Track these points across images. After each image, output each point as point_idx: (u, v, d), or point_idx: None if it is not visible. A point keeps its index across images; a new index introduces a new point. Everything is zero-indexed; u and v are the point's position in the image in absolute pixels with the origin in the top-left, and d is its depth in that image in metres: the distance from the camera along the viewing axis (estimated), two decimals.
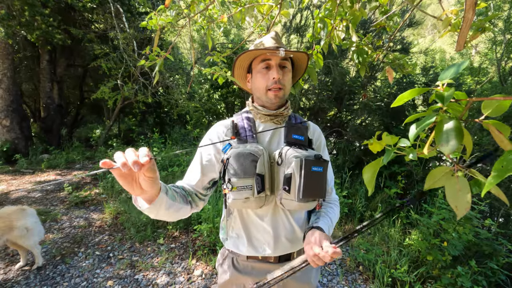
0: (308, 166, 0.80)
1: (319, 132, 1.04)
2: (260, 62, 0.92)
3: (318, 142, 1.02)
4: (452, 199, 0.43)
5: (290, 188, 0.82)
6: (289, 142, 0.91)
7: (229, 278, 1.00)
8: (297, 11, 4.94)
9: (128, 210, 3.30)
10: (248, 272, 0.98)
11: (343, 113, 5.00)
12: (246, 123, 0.97)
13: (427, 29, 32.40)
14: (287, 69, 0.94)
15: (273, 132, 0.96)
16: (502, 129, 0.39)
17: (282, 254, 0.97)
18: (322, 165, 0.83)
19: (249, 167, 0.83)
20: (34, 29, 5.24)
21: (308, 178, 0.80)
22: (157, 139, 5.74)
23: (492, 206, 3.01)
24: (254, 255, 0.96)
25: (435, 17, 1.16)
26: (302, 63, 1.01)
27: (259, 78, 0.93)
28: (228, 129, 0.97)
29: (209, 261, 2.49)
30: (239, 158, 0.83)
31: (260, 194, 0.84)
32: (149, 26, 1.22)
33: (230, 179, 0.84)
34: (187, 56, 10.48)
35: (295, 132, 0.93)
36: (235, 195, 0.84)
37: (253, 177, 0.83)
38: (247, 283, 0.98)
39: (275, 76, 0.89)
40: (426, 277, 2.27)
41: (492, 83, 5.89)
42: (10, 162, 5.80)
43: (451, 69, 0.43)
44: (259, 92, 0.94)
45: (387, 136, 0.50)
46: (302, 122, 1.00)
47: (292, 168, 0.81)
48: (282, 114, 0.96)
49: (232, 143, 0.92)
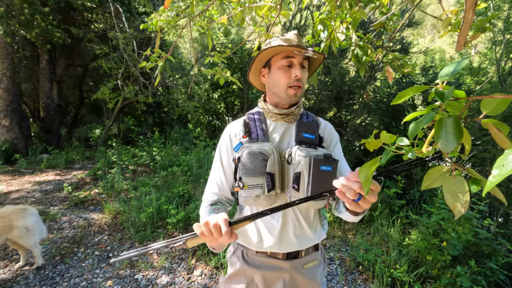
0: (317, 166, 0.80)
1: (330, 129, 1.04)
2: (282, 59, 0.92)
3: (329, 140, 1.02)
4: (450, 199, 0.43)
5: (299, 187, 0.83)
6: (299, 141, 0.92)
7: (238, 270, 1.02)
8: (297, 11, 4.94)
9: (127, 210, 3.30)
10: (257, 265, 1.00)
11: (343, 113, 5.01)
12: (258, 121, 0.98)
13: (427, 29, 32.39)
14: (306, 68, 0.95)
15: (284, 131, 0.97)
16: (501, 128, 0.39)
17: (290, 251, 0.98)
18: (331, 164, 0.83)
19: (260, 166, 0.85)
20: (33, 28, 5.23)
21: (316, 177, 0.80)
22: (157, 139, 5.74)
23: (491, 206, 3.01)
24: (262, 250, 0.98)
25: (435, 17, 1.16)
26: (316, 63, 1.02)
27: (280, 75, 0.93)
28: (240, 128, 0.99)
29: (209, 261, 2.49)
30: (250, 157, 0.86)
31: (271, 192, 0.86)
32: (149, 27, 1.22)
33: (242, 178, 0.87)
34: (187, 56, 10.47)
35: (306, 130, 0.94)
36: (246, 193, 0.87)
37: (263, 176, 0.85)
38: (255, 276, 1.00)
39: (298, 74, 0.90)
40: (426, 277, 2.28)
41: (491, 83, 5.90)
42: (10, 162, 5.79)
43: (450, 67, 0.43)
44: (279, 88, 0.94)
45: (385, 134, 0.50)
46: (314, 120, 1.00)
47: (302, 167, 0.82)
48: (294, 113, 0.97)
49: (243, 142, 0.94)
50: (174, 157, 5.20)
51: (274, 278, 1.00)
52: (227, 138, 1.00)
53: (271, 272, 0.99)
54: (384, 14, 1.32)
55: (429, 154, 0.46)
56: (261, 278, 0.99)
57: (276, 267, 0.98)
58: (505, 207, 2.78)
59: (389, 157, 0.47)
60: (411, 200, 3.59)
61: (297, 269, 0.99)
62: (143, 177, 4.48)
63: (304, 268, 1.00)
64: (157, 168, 4.81)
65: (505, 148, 0.38)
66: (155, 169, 4.89)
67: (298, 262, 0.99)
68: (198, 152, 5.03)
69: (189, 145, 6.47)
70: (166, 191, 3.68)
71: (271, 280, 1.00)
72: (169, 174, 4.28)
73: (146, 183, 4.02)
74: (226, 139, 1.01)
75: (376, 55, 1.42)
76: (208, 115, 7.61)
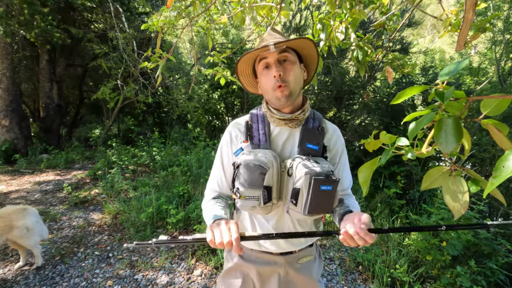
0: (317, 185, 0.78)
1: (337, 136, 0.98)
2: (259, 63, 0.89)
3: (335, 149, 0.98)
4: (449, 199, 0.43)
5: (297, 203, 0.82)
6: (302, 152, 0.89)
7: (234, 265, 1.03)
8: (297, 11, 4.94)
9: (127, 210, 3.30)
10: (252, 260, 1.01)
11: (343, 113, 5.01)
12: (261, 124, 0.94)
13: (427, 29, 32.41)
14: (289, 61, 0.86)
15: (287, 137, 0.94)
16: (501, 128, 0.39)
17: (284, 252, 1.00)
18: (332, 184, 0.81)
19: (257, 180, 0.83)
20: (33, 28, 5.23)
21: (315, 197, 0.79)
22: (157, 139, 5.74)
23: (491, 206, 3.01)
24: (257, 249, 1.00)
25: (435, 17, 1.16)
26: (309, 51, 0.91)
27: (263, 80, 0.90)
28: (242, 130, 0.96)
29: (209, 261, 2.49)
30: (249, 169, 0.83)
31: (267, 204, 0.85)
32: (150, 28, 1.22)
33: (239, 188, 0.85)
34: (187, 56, 10.47)
35: (310, 140, 0.90)
36: (243, 202, 0.86)
37: (260, 189, 0.83)
38: (251, 271, 1.01)
39: (274, 74, 0.84)
40: (426, 277, 2.28)
41: (491, 83, 5.90)
42: (10, 162, 5.79)
43: (450, 67, 0.43)
44: (268, 94, 0.90)
45: (385, 135, 0.50)
46: (320, 127, 0.94)
47: (301, 184, 0.80)
48: (298, 118, 0.91)
49: (244, 147, 0.92)
50: (174, 157, 5.20)
51: (269, 273, 1.01)
52: (228, 139, 0.98)
53: (266, 267, 1.00)
54: (384, 14, 1.32)
55: (429, 154, 0.46)
56: (256, 273, 1.00)
57: (271, 262, 1.00)
58: (504, 207, 2.78)
59: (388, 157, 0.47)
60: (411, 200, 3.59)
61: (291, 264, 1.00)
62: (143, 177, 4.48)
63: (298, 263, 1.01)
64: (157, 168, 4.81)
65: (505, 148, 0.38)
66: (155, 169, 4.89)
67: (292, 257, 1.00)
68: (198, 152, 5.02)
69: (189, 145, 6.47)
70: (166, 191, 3.68)
71: (266, 275, 1.01)
72: (169, 174, 4.28)
73: (146, 183, 4.02)
74: (227, 140, 0.99)
75: (376, 55, 1.42)
76: (208, 115, 7.61)
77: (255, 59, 0.91)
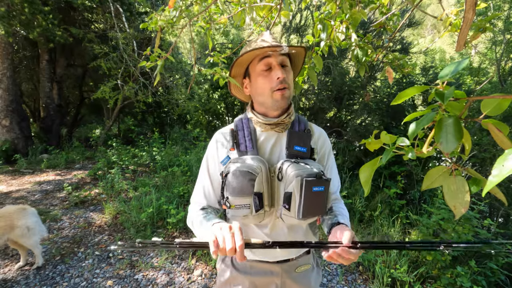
0: (309, 187, 0.77)
1: (323, 139, 0.98)
2: (259, 62, 0.85)
3: (322, 151, 0.97)
4: (450, 199, 0.43)
5: (290, 207, 0.81)
6: (290, 154, 0.87)
7: (228, 278, 0.99)
8: (297, 11, 4.94)
9: (127, 210, 3.30)
10: (247, 271, 0.97)
11: (343, 113, 5.01)
12: (246, 131, 0.91)
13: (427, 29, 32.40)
14: (289, 67, 0.88)
15: (274, 142, 0.92)
16: (501, 128, 0.39)
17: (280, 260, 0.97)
18: (324, 184, 0.80)
19: (247, 186, 0.80)
20: (34, 27, 5.23)
21: (308, 199, 0.78)
22: (157, 139, 5.74)
23: (491, 206, 3.01)
24: (252, 259, 0.96)
25: (435, 17, 1.16)
26: (299, 59, 0.95)
27: (261, 81, 0.86)
28: (228, 139, 0.93)
29: (209, 261, 2.49)
30: (237, 177, 0.81)
31: (259, 212, 0.83)
32: (149, 27, 1.22)
33: (228, 198, 0.82)
34: (187, 56, 10.48)
35: (297, 142, 0.89)
36: (234, 212, 0.83)
37: (251, 196, 0.81)
38: (246, 283, 0.97)
39: (279, 75, 0.82)
40: (426, 277, 2.27)
41: (491, 83, 5.89)
42: (10, 162, 5.79)
43: (450, 67, 0.43)
44: (263, 96, 0.87)
45: (386, 135, 0.50)
46: (306, 129, 0.94)
47: (293, 187, 0.79)
48: (284, 122, 0.90)
49: (231, 155, 0.89)
50: (174, 157, 5.20)
51: (265, 284, 0.97)
52: (214, 149, 0.95)
53: (262, 277, 0.96)
54: (384, 14, 1.32)
55: (429, 154, 0.46)
56: (252, 285, 0.97)
57: (267, 272, 0.96)
58: (505, 207, 2.78)
59: (389, 157, 0.47)
60: (411, 200, 3.59)
61: (288, 273, 0.97)
62: (143, 177, 4.48)
63: (296, 271, 0.98)
64: (157, 168, 4.81)
65: (505, 148, 0.38)
66: (155, 169, 4.89)
67: (289, 266, 0.97)
68: (198, 152, 5.03)
69: (189, 145, 6.47)
70: (166, 191, 3.68)
71: (262, 287, 0.98)
72: (169, 174, 4.28)
73: (146, 183, 4.02)
74: (213, 150, 0.95)
75: (376, 55, 1.42)
76: (208, 115, 7.61)
77: (252, 59, 0.88)
